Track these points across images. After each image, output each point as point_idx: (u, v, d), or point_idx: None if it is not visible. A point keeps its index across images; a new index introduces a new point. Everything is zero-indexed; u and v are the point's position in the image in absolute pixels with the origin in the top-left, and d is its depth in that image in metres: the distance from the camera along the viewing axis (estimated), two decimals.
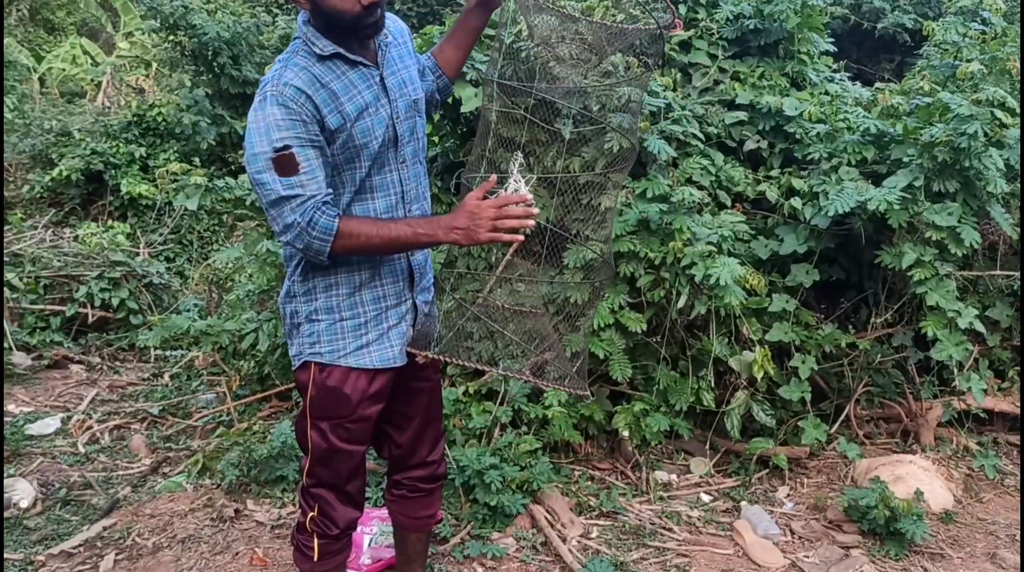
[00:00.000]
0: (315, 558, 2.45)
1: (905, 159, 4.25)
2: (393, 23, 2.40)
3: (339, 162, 2.20)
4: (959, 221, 4.07)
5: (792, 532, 3.84)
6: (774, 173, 4.73)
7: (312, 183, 2.09)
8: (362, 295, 2.30)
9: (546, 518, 3.75)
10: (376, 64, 2.27)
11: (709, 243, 4.09)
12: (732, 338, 4.35)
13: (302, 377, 2.35)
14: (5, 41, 11.36)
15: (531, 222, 2.15)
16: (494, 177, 2.18)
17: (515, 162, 2.18)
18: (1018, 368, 4.82)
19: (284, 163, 2.06)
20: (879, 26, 9.05)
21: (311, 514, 2.44)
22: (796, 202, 4.40)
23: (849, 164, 4.43)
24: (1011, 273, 4.57)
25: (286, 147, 2.06)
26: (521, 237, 2.14)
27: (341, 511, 2.45)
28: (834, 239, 4.47)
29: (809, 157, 4.61)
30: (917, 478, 4.03)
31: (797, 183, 4.50)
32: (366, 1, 2.09)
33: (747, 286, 4.18)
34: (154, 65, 13.65)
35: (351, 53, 2.20)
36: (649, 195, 4.21)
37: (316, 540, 2.44)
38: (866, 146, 4.45)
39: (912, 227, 4.18)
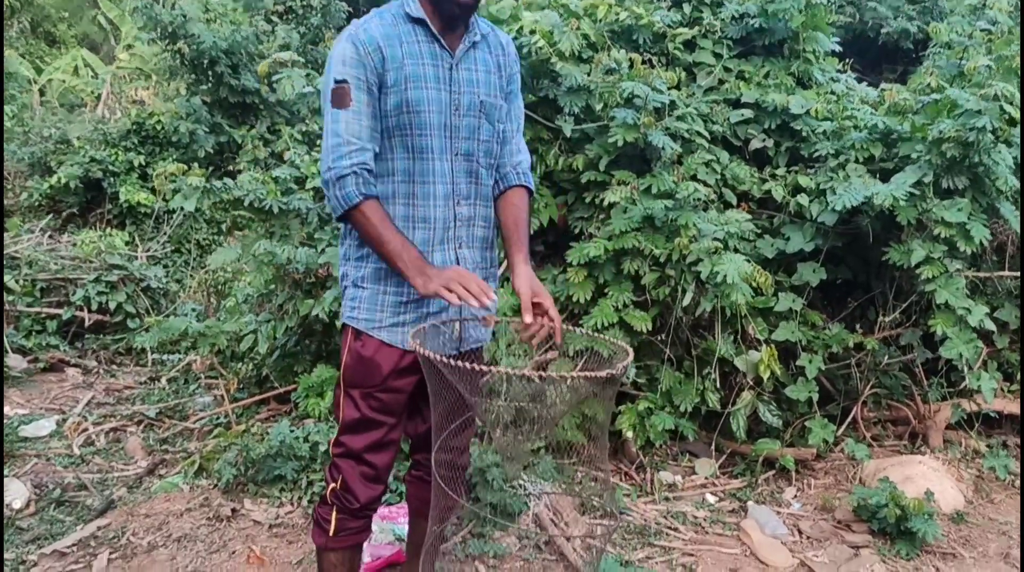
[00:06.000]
0: (331, 532, 2.42)
1: (913, 155, 4.20)
2: (499, 37, 2.49)
3: (392, 124, 2.26)
4: (968, 217, 4.02)
5: (800, 532, 3.76)
6: (780, 171, 4.68)
7: (355, 123, 2.21)
8: None
9: (549, 517, 3.68)
10: (451, 50, 2.32)
11: (715, 240, 4.04)
12: (738, 338, 4.29)
13: (343, 341, 2.40)
14: (5, 53, 11.36)
15: (474, 302, 2.14)
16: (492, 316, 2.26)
17: None
18: None
19: (340, 95, 2.21)
20: (883, 31, 9.03)
21: (332, 485, 2.43)
22: (803, 199, 4.35)
23: (856, 161, 4.39)
24: (1018, 274, 4.51)
25: (344, 81, 2.20)
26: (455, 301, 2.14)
27: (363, 486, 2.42)
28: (841, 238, 4.42)
29: (816, 155, 4.57)
30: (927, 478, 3.96)
31: (803, 180, 4.45)
32: None
33: (754, 285, 4.12)
34: (154, 77, 13.65)
35: (434, 27, 2.29)
36: (654, 191, 4.16)
37: (335, 513, 2.42)
38: (874, 143, 4.41)
39: (921, 224, 4.13)
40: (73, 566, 3.34)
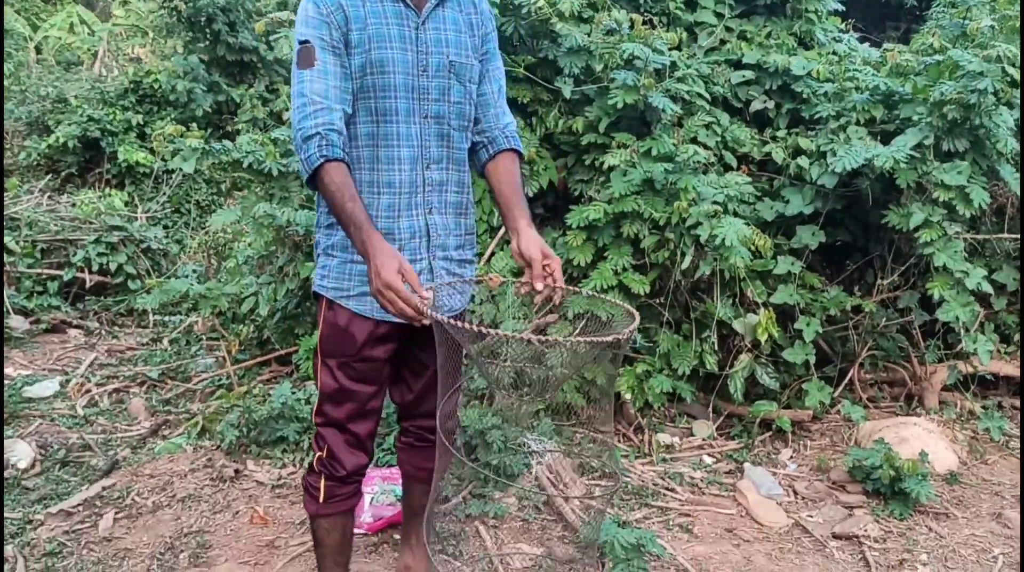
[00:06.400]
0: (320, 499, 2.43)
1: (914, 117, 4.19)
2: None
3: (356, 87, 2.22)
4: (968, 180, 4.01)
5: (795, 492, 3.81)
6: (780, 133, 4.66)
7: (320, 82, 2.15)
8: None
9: (548, 478, 3.73)
10: (418, 9, 2.26)
11: (715, 203, 4.04)
12: (736, 301, 4.31)
13: (318, 311, 2.38)
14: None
15: (424, 321, 2.02)
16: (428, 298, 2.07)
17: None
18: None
19: (304, 55, 2.17)
20: None
21: (319, 454, 2.43)
22: (803, 161, 4.34)
23: (857, 123, 4.38)
24: (1018, 236, 4.52)
25: (307, 41, 2.17)
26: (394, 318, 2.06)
27: (348, 454, 2.41)
28: (841, 201, 4.42)
29: (816, 117, 4.55)
30: (921, 440, 4.00)
31: (804, 143, 4.44)
32: None
33: (752, 248, 4.13)
34: (150, 34, 13.51)
35: None
36: (654, 154, 4.15)
37: (323, 481, 2.42)
38: (875, 105, 4.39)
39: (920, 187, 4.12)
40: (79, 525, 3.39)
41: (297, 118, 2.16)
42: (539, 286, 2.19)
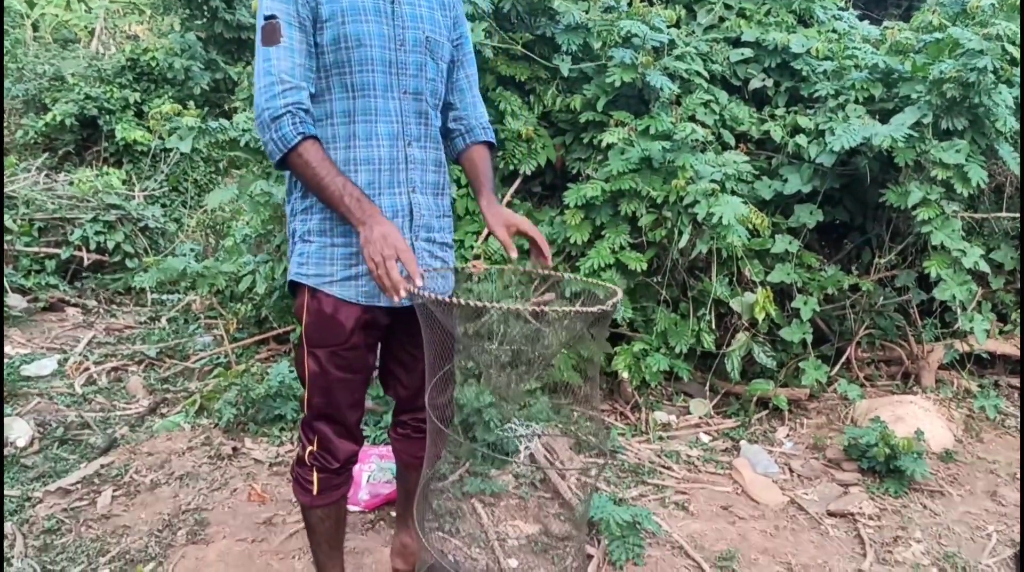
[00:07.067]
0: (315, 492, 2.38)
1: (913, 96, 4.17)
2: None
3: (328, 62, 2.15)
4: (967, 159, 4.00)
5: (791, 470, 3.83)
6: (779, 112, 4.65)
7: (287, 61, 2.09)
8: None
9: (545, 456, 3.74)
10: None
11: (712, 181, 4.03)
12: (734, 279, 4.31)
13: (298, 302, 2.28)
14: None
15: (389, 294, 1.98)
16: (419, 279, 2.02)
17: None
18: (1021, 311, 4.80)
19: (269, 32, 2.10)
20: None
21: (310, 448, 2.36)
22: (801, 140, 4.33)
23: (856, 102, 4.36)
24: (1016, 215, 4.51)
25: (274, 16, 2.10)
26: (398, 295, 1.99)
27: (340, 444, 2.36)
28: (839, 179, 4.41)
29: (815, 95, 4.53)
30: (917, 418, 4.02)
31: (803, 121, 4.42)
32: None
33: (750, 226, 4.13)
34: (147, 11, 13.42)
35: None
36: (652, 132, 4.13)
37: (316, 474, 2.37)
38: (874, 83, 4.37)
39: (919, 166, 4.12)
40: (78, 503, 3.40)
41: (264, 97, 2.08)
42: (513, 255, 2.19)
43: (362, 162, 2.18)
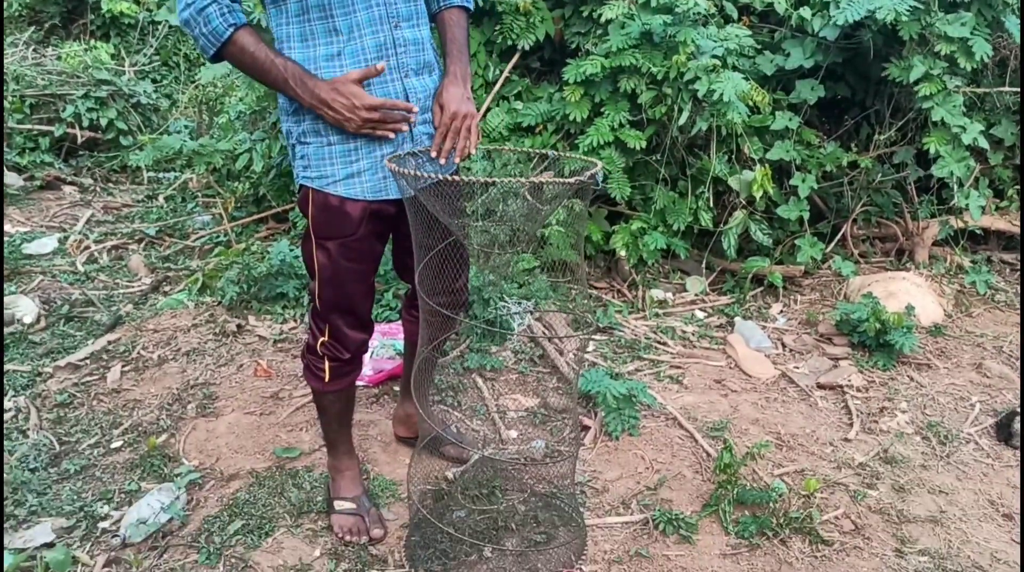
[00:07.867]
0: (326, 380, 2.42)
1: None
2: None
3: None
4: (972, 32, 3.93)
5: (783, 345, 3.92)
6: None
7: None
8: None
9: (543, 332, 3.82)
10: None
11: (714, 57, 3.96)
12: (733, 157, 4.30)
13: (301, 196, 2.25)
14: None
15: (405, 127, 2.07)
16: (382, 66, 2.04)
17: None
18: (1018, 187, 4.80)
19: None
20: None
21: (322, 338, 2.37)
22: (805, 12, 4.23)
23: None
24: (1018, 90, 4.46)
25: None
26: (391, 135, 2.08)
27: (352, 334, 2.38)
28: (842, 54, 4.34)
29: None
30: (909, 294, 4.09)
31: None
32: None
33: (751, 103, 4.08)
34: None
35: None
36: (653, 5, 4.04)
37: (328, 363, 2.39)
38: None
39: (923, 40, 4.04)
40: (87, 378, 3.50)
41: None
42: (438, 140, 2.15)
43: (348, 56, 2.08)
